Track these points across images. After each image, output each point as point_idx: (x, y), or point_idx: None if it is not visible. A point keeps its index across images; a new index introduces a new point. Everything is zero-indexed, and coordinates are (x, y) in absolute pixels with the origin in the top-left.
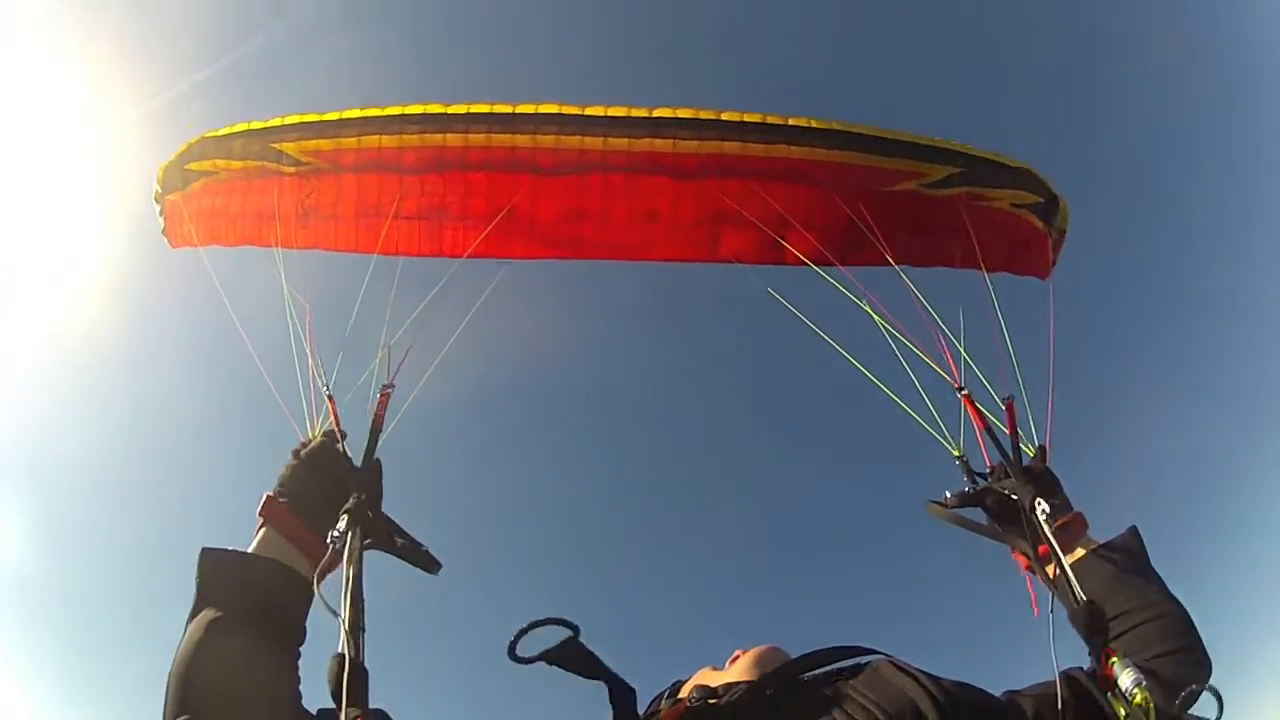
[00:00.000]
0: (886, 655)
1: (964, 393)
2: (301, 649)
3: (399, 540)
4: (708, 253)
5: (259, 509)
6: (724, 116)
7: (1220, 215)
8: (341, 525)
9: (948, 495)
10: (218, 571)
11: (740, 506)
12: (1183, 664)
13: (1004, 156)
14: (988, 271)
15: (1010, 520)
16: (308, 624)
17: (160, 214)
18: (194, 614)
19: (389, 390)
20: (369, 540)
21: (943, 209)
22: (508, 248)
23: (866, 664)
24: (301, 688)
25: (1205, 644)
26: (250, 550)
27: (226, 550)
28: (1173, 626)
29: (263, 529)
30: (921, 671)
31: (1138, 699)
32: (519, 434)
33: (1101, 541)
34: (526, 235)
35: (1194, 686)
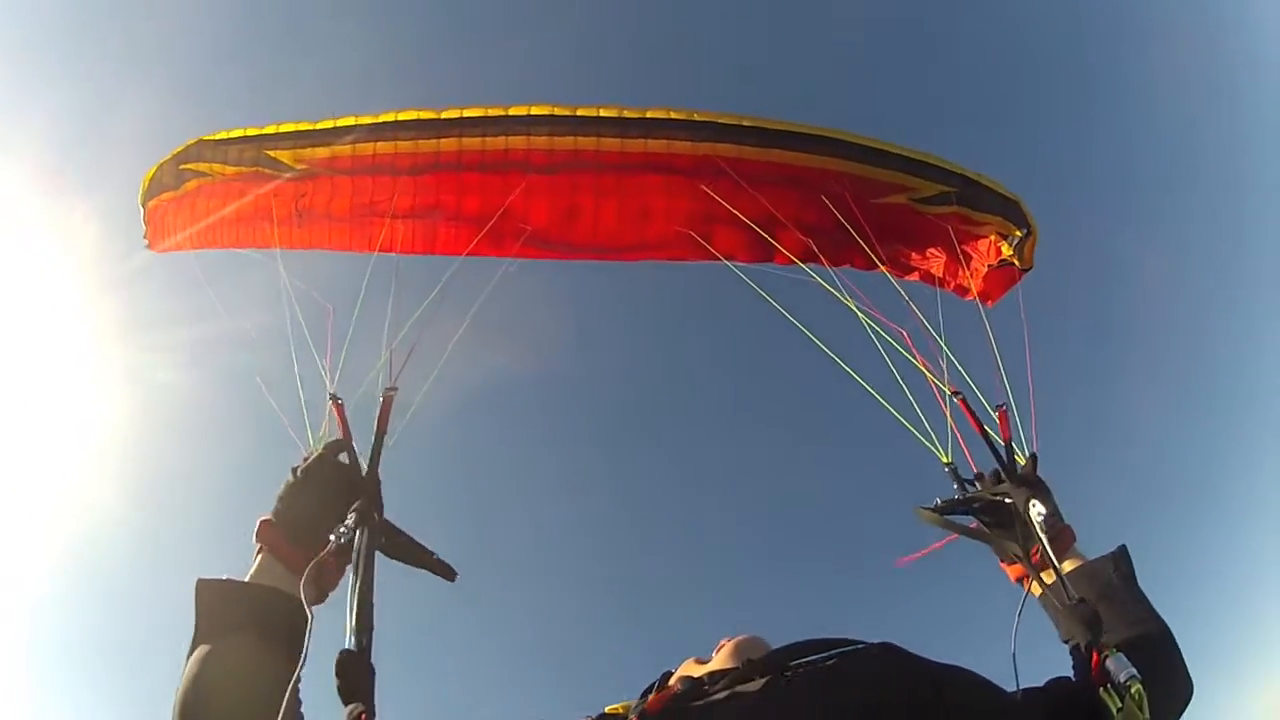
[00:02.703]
0: (884, 643)
1: (959, 396)
2: (303, 671)
3: (416, 548)
4: (700, 252)
5: (254, 533)
6: (720, 119)
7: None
8: (350, 521)
9: (938, 501)
10: (215, 603)
11: (732, 504)
12: (1159, 685)
13: (996, 183)
14: (973, 298)
15: (1001, 526)
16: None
17: (143, 219)
18: (193, 648)
19: (392, 393)
20: (383, 542)
21: (931, 227)
22: (502, 247)
23: (863, 649)
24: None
25: (1188, 666)
26: (248, 578)
27: (222, 580)
28: (1155, 648)
29: (260, 554)
30: (920, 656)
31: (1134, 690)
32: (512, 433)
33: (1090, 558)
34: (520, 235)
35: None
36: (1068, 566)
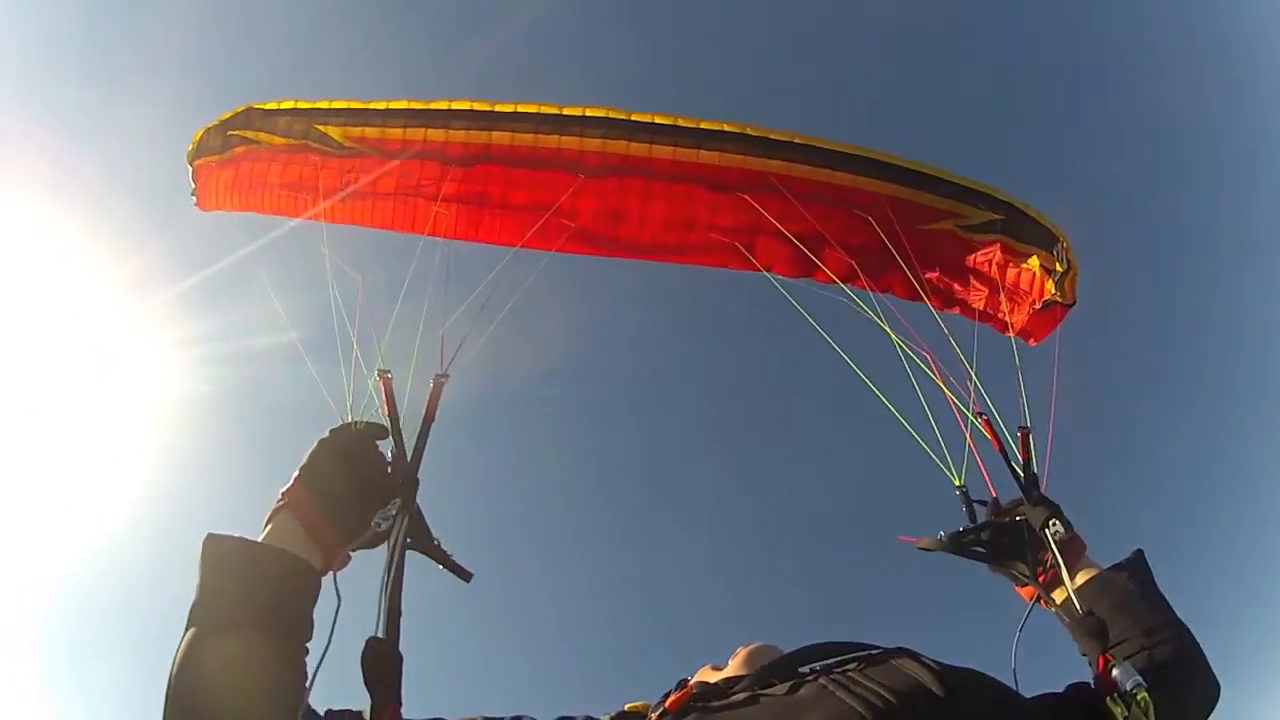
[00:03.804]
0: (900, 648)
1: (983, 417)
2: (309, 644)
3: (437, 544)
4: (741, 261)
5: (284, 490)
6: (773, 135)
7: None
8: (393, 509)
9: (941, 535)
10: (224, 562)
11: (755, 509)
12: (1180, 690)
13: (1043, 215)
14: (1011, 335)
15: (1010, 553)
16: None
17: (191, 177)
18: (195, 610)
19: (443, 380)
20: (410, 539)
21: (975, 256)
22: (546, 240)
23: (879, 653)
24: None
25: (1212, 668)
26: (262, 539)
27: (234, 538)
28: (1176, 652)
29: (280, 514)
30: (935, 660)
31: (1140, 697)
32: (524, 433)
33: (1106, 566)
34: (565, 231)
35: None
36: (1081, 578)
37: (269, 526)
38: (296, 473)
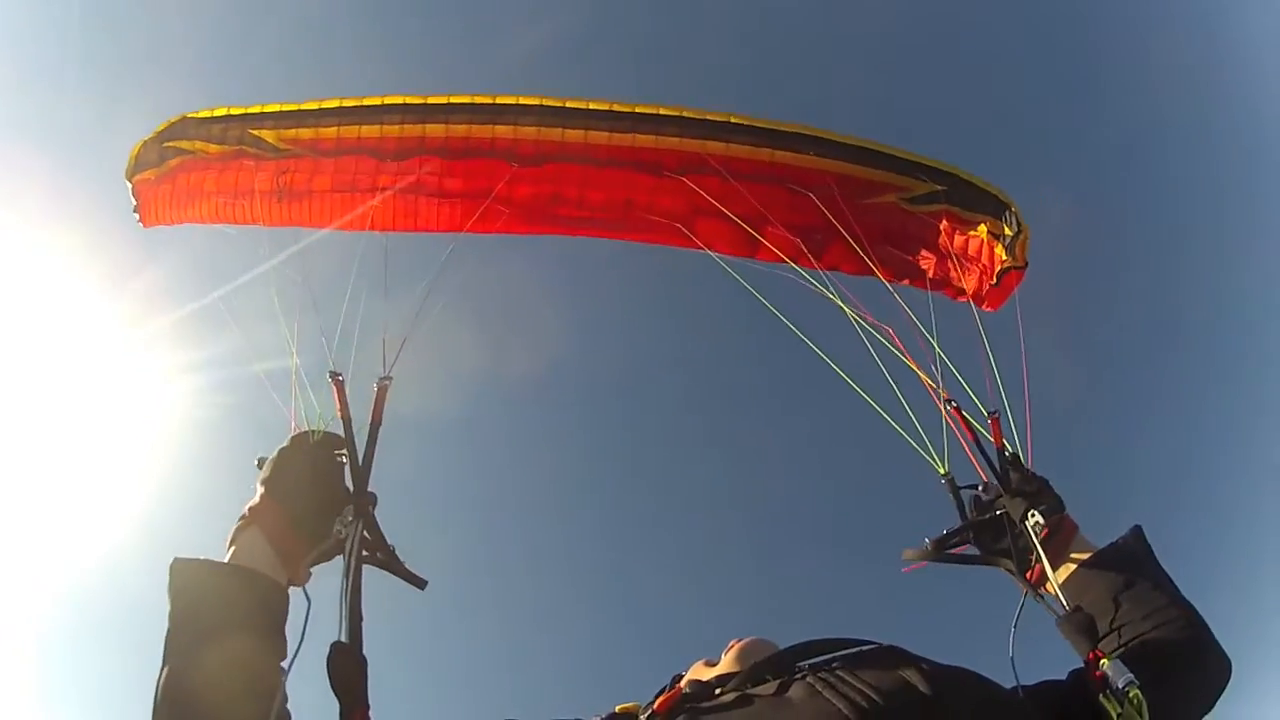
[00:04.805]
0: (891, 645)
1: (953, 405)
2: (285, 663)
3: (392, 550)
4: (682, 239)
5: (251, 505)
6: (709, 116)
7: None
8: (349, 516)
9: (927, 543)
10: (194, 588)
11: (742, 505)
12: (1186, 672)
13: (988, 183)
14: (967, 300)
15: (998, 547)
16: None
17: (132, 194)
18: (171, 639)
19: (387, 383)
20: (366, 553)
21: (922, 228)
22: (483, 225)
23: (868, 651)
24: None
25: (1220, 645)
26: (229, 559)
27: (201, 561)
28: (1180, 633)
29: (245, 532)
30: (923, 658)
31: (1132, 695)
32: (508, 433)
33: (1102, 545)
34: (502, 214)
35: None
36: (1074, 563)
37: (234, 547)
38: (262, 488)
